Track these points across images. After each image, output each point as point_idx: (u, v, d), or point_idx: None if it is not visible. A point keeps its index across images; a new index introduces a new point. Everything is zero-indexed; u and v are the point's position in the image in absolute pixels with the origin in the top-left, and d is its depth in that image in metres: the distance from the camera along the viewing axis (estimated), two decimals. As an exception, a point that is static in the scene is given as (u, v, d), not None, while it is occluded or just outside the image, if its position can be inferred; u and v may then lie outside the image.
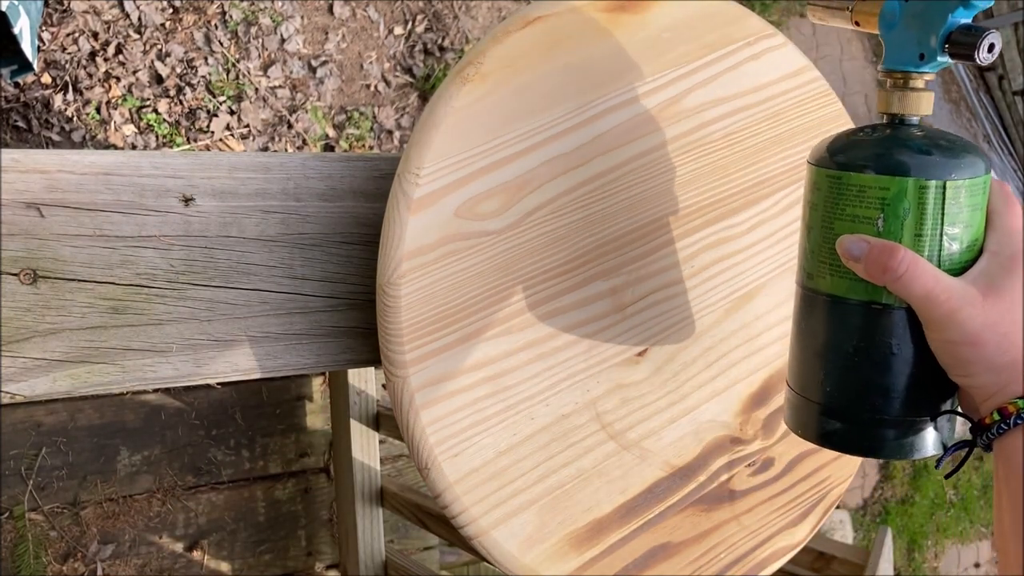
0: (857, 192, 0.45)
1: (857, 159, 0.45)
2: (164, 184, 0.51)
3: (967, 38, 0.43)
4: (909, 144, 0.45)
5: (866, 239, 0.44)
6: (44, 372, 0.47)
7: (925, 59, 0.45)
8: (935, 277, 0.43)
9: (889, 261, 0.43)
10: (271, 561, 1.40)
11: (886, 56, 0.47)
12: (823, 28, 2.49)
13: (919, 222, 0.44)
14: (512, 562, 0.54)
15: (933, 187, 0.43)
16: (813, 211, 0.48)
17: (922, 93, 0.46)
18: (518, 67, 0.55)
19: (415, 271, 0.51)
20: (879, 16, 0.47)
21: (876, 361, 0.45)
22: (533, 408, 0.55)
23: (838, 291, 0.46)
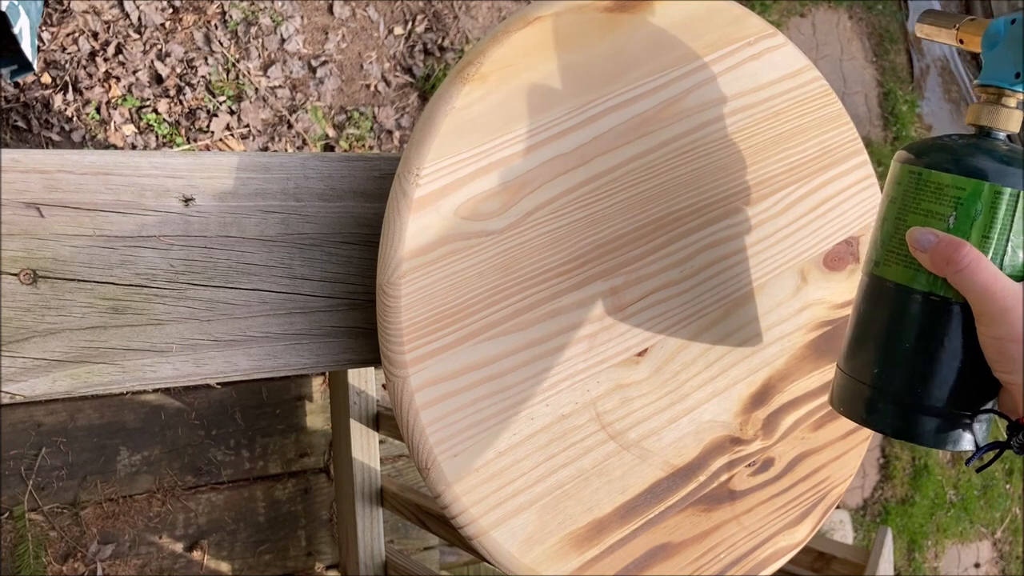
0: (935, 189, 0.48)
1: (940, 159, 0.48)
2: (164, 184, 0.51)
3: None
4: (991, 153, 0.47)
5: (936, 232, 0.47)
6: (44, 372, 0.47)
7: (1020, 77, 0.48)
8: (994, 275, 0.45)
9: (954, 254, 0.45)
10: (271, 561, 1.40)
11: (984, 72, 0.50)
12: (823, 28, 2.49)
13: (988, 225, 0.46)
14: (512, 562, 0.54)
15: (1007, 194, 0.46)
16: (891, 204, 0.51)
17: (1012, 111, 0.49)
18: (518, 67, 0.55)
19: (415, 271, 0.51)
20: (983, 36, 0.50)
21: (927, 350, 0.48)
22: (533, 408, 0.55)
23: (901, 279, 0.49)
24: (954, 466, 2.62)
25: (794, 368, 0.67)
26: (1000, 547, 2.71)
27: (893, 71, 2.65)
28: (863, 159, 0.73)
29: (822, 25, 2.48)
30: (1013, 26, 0.48)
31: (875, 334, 0.50)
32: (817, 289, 0.69)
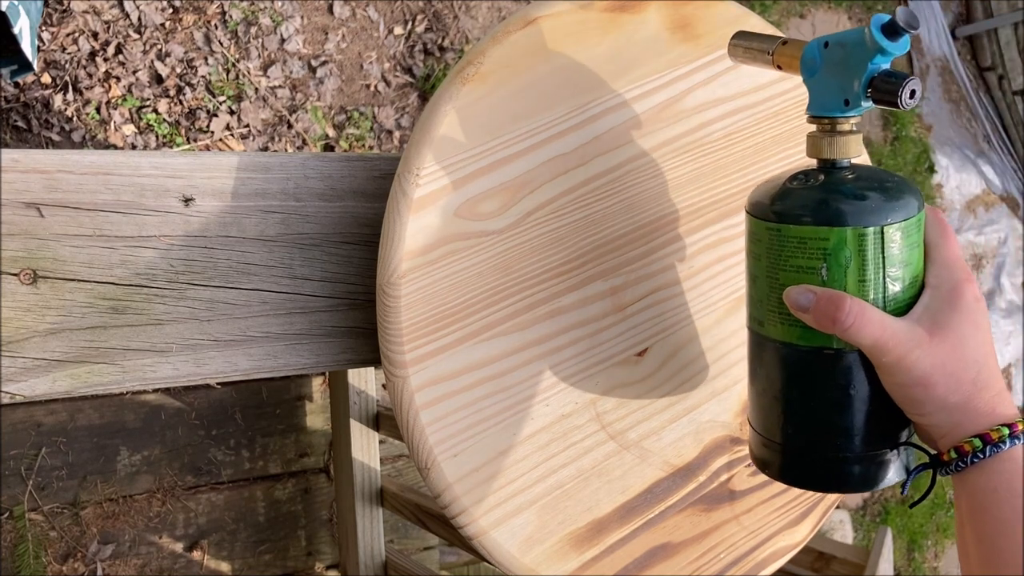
0: (798, 243, 0.45)
1: (795, 211, 0.46)
2: (164, 184, 0.51)
3: (889, 85, 0.43)
4: (844, 191, 0.45)
5: (812, 290, 0.45)
6: (44, 372, 0.47)
7: (850, 105, 0.45)
8: (882, 324, 0.44)
9: (837, 313, 0.43)
10: (271, 561, 1.40)
11: (811, 102, 0.47)
12: (823, 28, 2.49)
13: (861, 268, 0.44)
14: (512, 562, 0.54)
15: (872, 234, 0.44)
16: (756, 261, 0.48)
17: (850, 136, 0.46)
18: (518, 67, 0.55)
19: (415, 271, 0.51)
20: (801, 63, 0.47)
21: (834, 403, 0.46)
22: (533, 408, 0.55)
23: (790, 338, 0.47)
24: (954, 466, 2.62)
25: (794, 368, 0.67)
26: (1000, 547, 2.71)
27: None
28: (863, 159, 0.73)
29: (822, 25, 2.48)
30: (828, 50, 0.46)
31: (778, 395, 0.48)
32: (817, 289, 0.69)
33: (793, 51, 0.48)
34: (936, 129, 2.78)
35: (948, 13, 2.89)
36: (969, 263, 2.78)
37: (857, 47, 0.44)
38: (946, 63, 2.86)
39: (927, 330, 0.44)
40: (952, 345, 0.44)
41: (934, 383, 0.43)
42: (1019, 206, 2.98)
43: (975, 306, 0.45)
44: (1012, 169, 2.97)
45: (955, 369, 0.44)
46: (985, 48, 2.91)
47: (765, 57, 0.50)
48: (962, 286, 0.46)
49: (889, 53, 0.43)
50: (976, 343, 0.45)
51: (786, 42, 0.49)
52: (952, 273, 0.46)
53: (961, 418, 0.44)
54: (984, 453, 0.43)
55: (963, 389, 0.44)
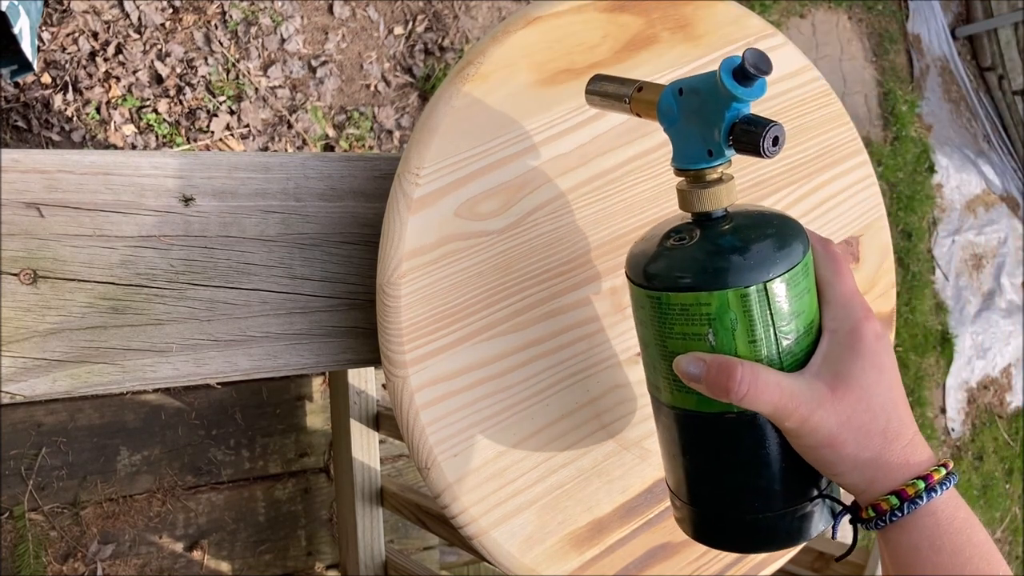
0: (680, 311, 0.42)
1: (672, 277, 0.43)
2: (164, 184, 0.51)
3: (749, 134, 0.40)
4: (721, 248, 0.42)
5: (702, 358, 0.42)
6: (44, 372, 0.47)
7: (714, 155, 0.42)
8: (779, 387, 0.41)
9: (728, 382, 0.40)
10: (271, 561, 1.40)
11: (675, 154, 0.44)
12: (823, 28, 2.49)
13: (750, 329, 0.41)
14: (512, 562, 0.54)
15: (755, 292, 0.41)
16: (643, 328, 0.46)
17: (720, 186, 0.43)
18: (518, 67, 0.55)
19: (415, 271, 0.51)
20: (658, 113, 0.44)
21: (744, 466, 0.44)
22: (533, 408, 0.55)
23: (688, 406, 0.44)
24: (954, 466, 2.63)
25: (794, 368, 0.67)
26: (1000, 547, 2.71)
27: (893, 71, 2.65)
28: (863, 159, 0.73)
29: (822, 25, 2.48)
30: (683, 97, 0.43)
31: (687, 462, 0.45)
32: (817, 289, 0.69)
33: (650, 97, 0.45)
34: (936, 129, 2.78)
35: (948, 13, 2.89)
36: (969, 263, 2.78)
37: (711, 94, 0.41)
38: (946, 63, 2.86)
39: (828, 385, 0.41)
40: (857, 397, 0.41)
41: (842, 442, 0.41)
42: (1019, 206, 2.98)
43: (877, 346, 0.42)
44: (1012, 169, 2.97)
45: (863, 423, 0.41)
46: (985, 48, 2.91)
47: (622, 105, 0.47)
48: (861, 326, 0.43)
49: (744, 100, 0.40)
50: (882, 389, 0.42)
51: (642, 88, 0.46)
52: (849, 312, 0.43)
53: (875, 474, 0.41)
54: (901, 511, 0.41)
55: (873, 443, 0.41)
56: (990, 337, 2.74)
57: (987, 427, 2.72)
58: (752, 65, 0.38)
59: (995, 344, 2.75)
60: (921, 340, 2.53)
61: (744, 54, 0.38)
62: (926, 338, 2.55)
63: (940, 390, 2.62)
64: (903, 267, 2.56)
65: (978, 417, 2.71)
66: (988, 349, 2.74)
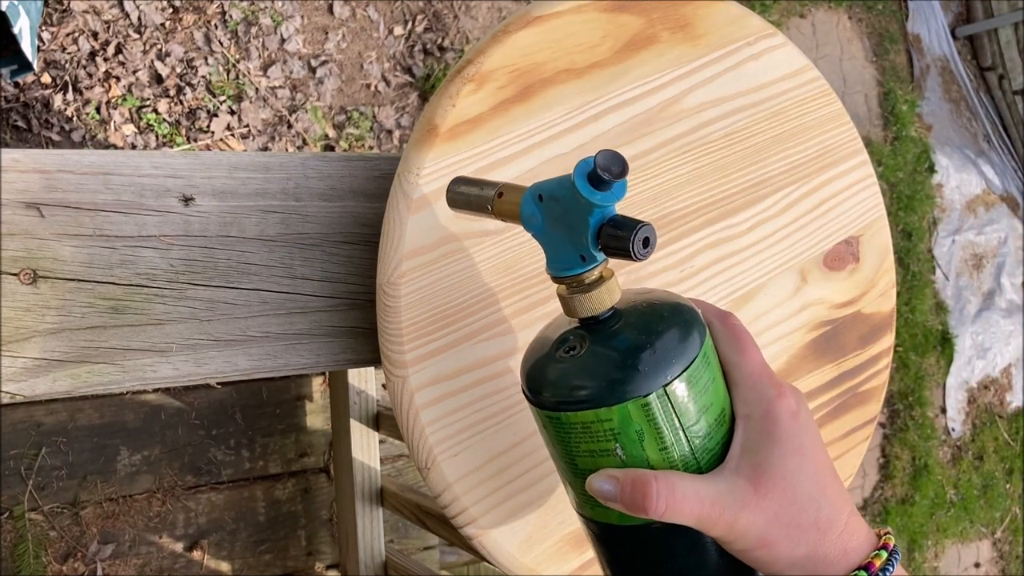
0: (583, 429, 0.40)
1: (567, 395, 0.40)
2: (164, 184, 0.51)
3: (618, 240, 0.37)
4: (613, 355, 0.39)
5: (614, 475, 0.39)
6: (44, 372, 0.47)
7: (587, 260, 0.40)
8: (699, 496, 0.39)
9: (645, 501, 0.38)
10: (271, 561, 1.40)
11: (548, 262, 0.42)
12: (823, 28, 2.49)
13: (658, 437, 0.39)
14: (512, 562, 0.54)
15: (655, 399, 0.38)
16: (551, 447, 0.43)
17: (602, 286, 0.40)
18: (518, 67, 0.55)
19: (415, 271, 0.51)
20: (522, 220, 0.42)
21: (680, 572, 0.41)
22: (533, 408, 0.55)
23: (611, 520, 0.41)
24: (954, 466, 2.63)
25: (794, 367, 0.67)
26: (1000, 547, 2.71)
27: (893, 71, 2.65)
28: (863, 159, 0.73)
29: (822, 25, 2.48)
30: (544, 203, 0.40)
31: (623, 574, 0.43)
32: (817, 289, 0.69)
33: (514, 200, 0.42)
34: (936, 129, 2.78)
35: (948, 13, 2.89)
36: (969, 263, 2.78)
37: (571, 201, 0.38)
38: (946, 63, 2.86)
39: (749, 480, 0.39)
40: (781, 490, 0.39)
41: (774, 541, 0.39)
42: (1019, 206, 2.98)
43: (795, 427, 0.40)
44: (1012, 169, 2.97)
45: (791, 516, 0.39)
46: (985, 48, 2.91)
47: (486, 211, 0.44)
48: (774, 408, 0.40)
49: (602, 206, 0.37)
50: (806, 475, 0.40)
51: (503, 192, 0.42)
52: (759, 393, 0.41)
53: (814, 570, 0.39)
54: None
55: (807, 537, 0.39)
56: (990, 337, 2.74)
57: (987, 427, 2.72)
58: (604, 169, 0.36)
59: (995, 344, 2.75)
60: (921, 340, 2.54)
61: (596, 157, 0.36)
62: (926, 338, 2.55)
63: (940, 390, 2.62)
64: (903, 267, 2.56)
65: (978, 417, 2.71)
66: (988, 349, 2.74)
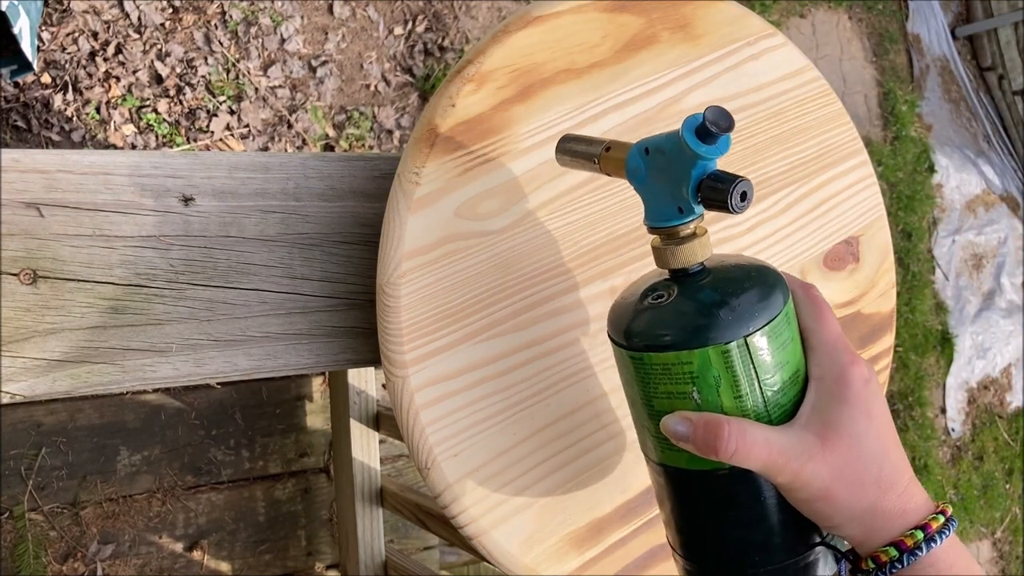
0: (663, 370, 0.42)
1: (652, 337, 0.42)
2: (164, 184, 0.51)
3: (717, 192, 0.40)
4: (699, 304, 0.42)
5: (688, 417, 0.41)
6: (44, 372, 0.47)
7: (684, 212, 0.42)
8: (768, 443, 0.40)
9: (716, 441, 0.40)
10: (271, 561, 1.40)
11: (647, 213, 0.44)
12: (823, 28, 2.49)
13: (734, 385, 0.41)
14: (512, 562, 0.54)
15: (736, 348, 0.40)
16: (629, 387, 0.45)
17: (695, 241, 0.43)
18: (518, 67, 0.55)
19: (415, 271, 0.51)
20: (626, 172, 0.44)
21: (742, 522, 0.43)
22: (533, 408, 0.55)
23: (680, 464, 0.43)
24: (954, 466, 2.63)
25: (794, 368, 0.67)
26: (1000, 547, 2.71)
27: (893, 71, 2.66)
28: (863, 159, 0.73)
29: (822, 25, 2.48)
30: (650, 156, 0.42)
31: (684, 520, 0.45)
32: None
33: (619, 155, 0.45)
34: (936, 129, 2.78)
35: (948, 13, 2.89)
36: (969, 263, 2.78)
37: (677, 153, 0.41)
38: (946, 63, 2.86)
39: (818, 435, 0.41)
40: (848, 446, 0.41)
41: (835, 494, 0.40)
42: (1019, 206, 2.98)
43: (865, 392, 0.42)
44: (1012, 169, 2.97)
45: (855, 473, 0.41)
46: (985, 48, 2.91)
47: (592, 164, 0.47)
48: (848, 372, 0.42)
49: (708, 158, 0.40)
50: (872, 437, 0.41)
51: (610, 147, 0.45)
52: (835, 359, 0.43)
53: (871, 525, 0.41)
54: (901, 563, 0.40)
55: (868, 494, 0.41)
56: (990, 337, 2.74)
57: (987, 427, 2.72)
58: (712, 123, 0.38)
59: (995, 344, 2.75)
60: (921, 340, 2.54)
61: (705, 112, 0.38)
62: (926, 338, 2.55)
63: (940, 390, 2.62)
64: (903, 267, 2.56)
65: (978, 417, 2.71)
66: (988, 349, 2.74)
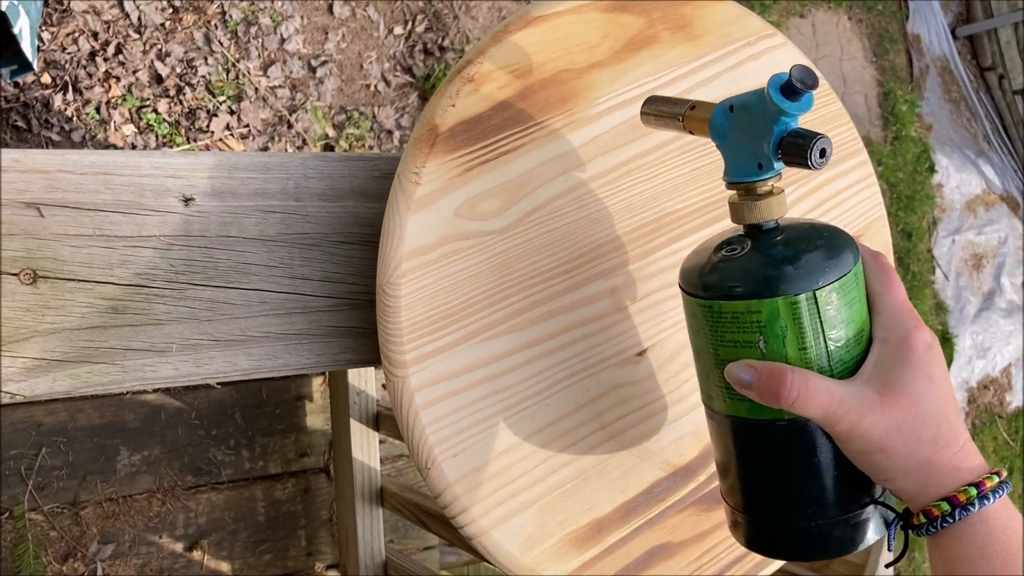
0: (732, 319, 0.44)
1: (723, 286, 0.44)
2: (164, 184, 0.51)
3: (797, 147, 0.42)
4: (771, 257, 0.44)
5: (752, 365, 0.43)
6: (44, 372, 0.47)
7: (763, 168, 0.44)
8: (829, 393, 0.42)
9: (779, 387, 0.42)
10: (271, 561, 1.40)
11: (727, 168, 0.46)
12: (823, 28, 2.49)
13: (800, 337, 0.43)
14: (512, 562, 0.54)
15: (804, 300, 0.42)
16: (696, 337, 0.47)
17: (771, 199, 0.45)
18: (518, 67, 0.55)
19: (415, 271, 0.51)
20: (710, 129, 0.46)
21: (796, 473, 0.44)
22: (533, 408, 0.55)
23: (740, 413, 0.45)
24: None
25: (794, 368, 0.67)
26: (1000, 547, 2.71)
27: (893, 71, 2.65)
28: (863, 158, 0.73)
29: (822, 25, 2.48)
30: (734, 114, 0.45)
31: (740, 470, 0.46)
32: (817, 289, 0.69)
33: (703, 115, 0.47)
34: (936, 129, 2.78)
35: (948, 13, 2.89)
36: (969, 263, 2.78)
37: (761, 110, 0.43)
38: (946, 63, 2.86)
39: (878, 391, 0.42)
40: (907, 404, 0.42)
41: (892, 447, 0.42)
42: (1019, 206, 2.98)
43: (927, 356, 0.43)
44: (1012, 169, 2.97)
45: (913, 429, 0.42)
46: (985, 48, 2.91)
47: (676, 123, 0.49)
48: (911, 336, 0.43)
49: (791, 114, 0.42)
50: (932, 397, 0.42)
51: (695, 107, 0.48)
52: (899, 323, 0.44)
53: (926, 480, 0.42)
54: (953, 517, 0.41)
55: (924, 449, 0.42)
56: (990, 337, 2.74)
57: (987, 427, 2.72)
58: (799, 80, 0.40)
59: (995, 344, 2.75)
60: (921, 340, 2.53)
61: (791, 70, 0.40)
62: (926, 338, 2.55)
63: (940, 390, 2.62)
64: (903, 267, 2.56)
65: (978, 417, 2.71)
66: (988, 349, 2.74)
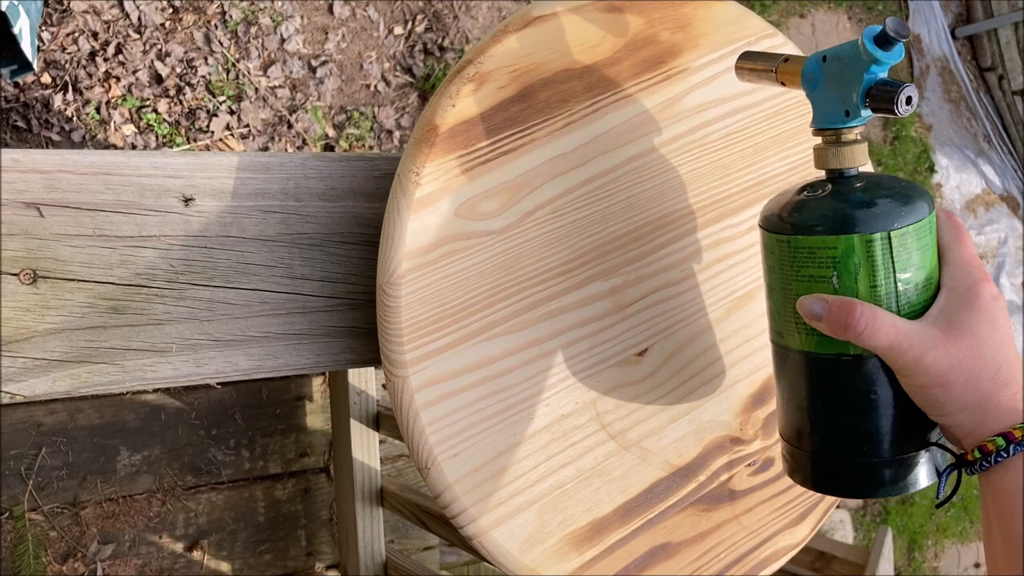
0: (808, 254, 0.46)
1: (803, 222, 0.47)
2: (164, 184, 0.51)
3: (885, 93, 0.44)
4: (850, 199, 0.46)
5: (824, 298, 0.46)
6: (44, 372, 0.47)
7: (851, 115, 0.46)
8: (895, 326, 0.44)
9: (848, 319, 0.44)
10: (271, 561, 1.40)
11: (815, 115, 0.49)
12: (823, 28, 2.49)
13: (871, 274, 0.45)
14: (512, 562, 0.54)
15: (879, 239, 0.45)
16: (771, 273, 0.50)
17: (855, 146, 0.47)
18: (518, 67, 0.55)
19: (415, 271, 0.51)
20: (802, 78, 0.49)
21: (857, 409, 0.47)
22: (533, 408, 0.55)
23: (808, 347, 0.48)
24: (954, 466, 2.62)
25: (794, 368, 0.67)
26: (1000, 547, 2.71)
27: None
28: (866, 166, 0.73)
29: (822, 25, 2.48)
30: (826, 64, 0.47)
31: (802, 404, 0.49)
32: (817, 289, 0.69)
33: (794, 67, 0.49)
34: (936, 129, 2.78)
35: (948, 13, 2.89)
36: (969, 263, 2.78)
37: (853, 59, 0.45)
38: (946, 63, 2.85)
39: (942, 330, 0.44)
40: (969, 344, 0.44)
41: (952, 382, 0.43)
42: (1019, 206, 2.98)
43: (992, 305, 0.45)
44: (1012, 169, 2.97)
45: (973, 367, 0.43)
46: (985, 48, 2.91)
47: (769, 75, 0.51)
48: (978, 285, 0.45)
49: (883, 63, 0.44)
50: (994, 341, 0.44)
51: (787, 59, 0.50)
52: (968, 273, 0.46)
53: (983, 416, 0.43)
54: (1008, 452, 0.42)
55: (983, 387, 0.43)
56: (990, 337, 2.73)
57: (987, 427, 2.71)
58: (893, 31, 0.43)
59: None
60: (921, 340, 2.53)
61: (886, 21, 0.43)
62: (926, 338, 2.55)
63: (940, 390, 2.62)
64: (903, 267, 2.55)
65: (978, 417, 2.71)
66: (988, 349, 2.73)
